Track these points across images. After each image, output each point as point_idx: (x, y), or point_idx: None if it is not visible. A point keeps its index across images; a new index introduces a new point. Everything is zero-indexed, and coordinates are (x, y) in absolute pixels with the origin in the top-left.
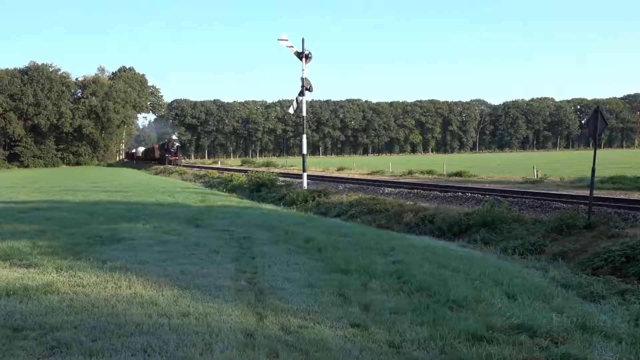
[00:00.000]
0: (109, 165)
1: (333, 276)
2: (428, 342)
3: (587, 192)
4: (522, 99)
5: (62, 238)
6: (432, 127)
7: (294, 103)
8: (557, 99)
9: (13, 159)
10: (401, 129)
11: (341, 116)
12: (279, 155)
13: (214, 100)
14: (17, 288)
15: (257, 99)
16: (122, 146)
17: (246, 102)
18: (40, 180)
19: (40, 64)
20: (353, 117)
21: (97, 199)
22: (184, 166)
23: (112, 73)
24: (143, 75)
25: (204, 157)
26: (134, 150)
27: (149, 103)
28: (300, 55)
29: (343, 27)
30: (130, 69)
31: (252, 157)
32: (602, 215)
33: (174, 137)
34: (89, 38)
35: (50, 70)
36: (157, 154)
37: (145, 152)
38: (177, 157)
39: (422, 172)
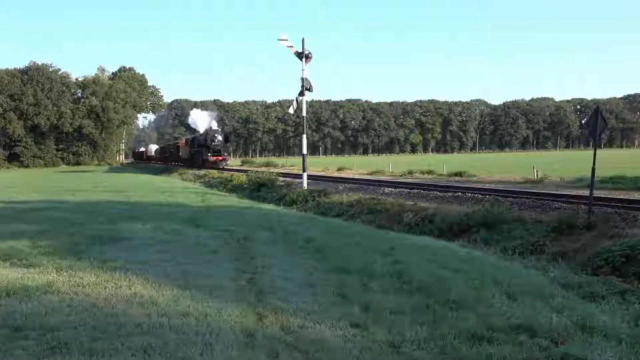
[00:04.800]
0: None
1: (333, 276)
2: (428, 342)
3: (587, 192)
4: (522, 99)
5: (62, 238)
6: (432, 127)
7: (294, 103)
8: (557, 99)
9: (13, 159)
10: (401, 129)
11: (341, 116)
12: (279, 155)
13: (214, 100)
14: (17, 288)
15: (257, 99)
16: (122, 146)
17: (246, 102)
18: (39, 180)
19: (40, 64)
20: (353, 117)
21: (97, 199)
22: (182, 166)
23: (112, 73)
24: (143, 75)
25: None
26: (142, 149)
27: (149, 103)
28: (300, 55)
29: (343, 27)
30: (130, 69)
31: (252, 157)
32: (602, 215)
33: (215, 126)
34: (89, 38)
35: (50, 70)
36: (185, 152)
37: (162, 150)
38: (222, 157)
39: (422, 172)
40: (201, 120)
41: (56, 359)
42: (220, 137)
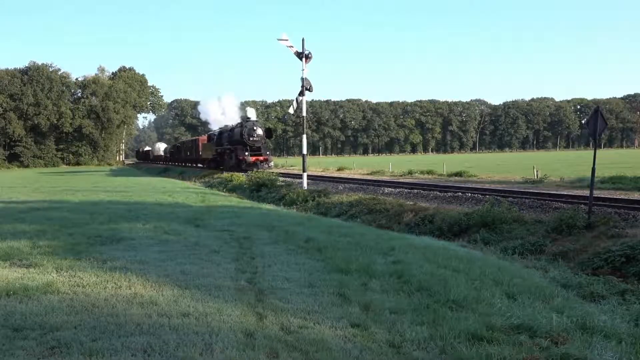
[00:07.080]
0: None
1: (333, 276)
2: (428, 342)
3: (587, 192)
4: (522, 99)
5: (62, 238)
6: (432, 127)
7: (294, 103)
8: (557, 99)
9: (13, 159)
10: (401, 129)
11: (341, 116)
12: (279, 156)
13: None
14: (17, 288)
15: (257, 99)
16: (122, 146)
17: (246, 102)
18: (39, 180)
19: (40, 64)
20: (353, 117)
21: (97, 199)
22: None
23: (112, 73)
24: (143, 75)
25: None
26: (147, 149)
27: (149, 103)
28: (300, 55)
29: (343, 26)
30: (130, 69)
31: None
32: (602, 215)
33: (253, 116)
34: (89, 38)
35: (50, 70)
36: (208, 151)
37: (174, 149)
38: (263, 157)
39: (422, 172)
40: (215, 112)
41: (56, 359)
42: (259, 131)
